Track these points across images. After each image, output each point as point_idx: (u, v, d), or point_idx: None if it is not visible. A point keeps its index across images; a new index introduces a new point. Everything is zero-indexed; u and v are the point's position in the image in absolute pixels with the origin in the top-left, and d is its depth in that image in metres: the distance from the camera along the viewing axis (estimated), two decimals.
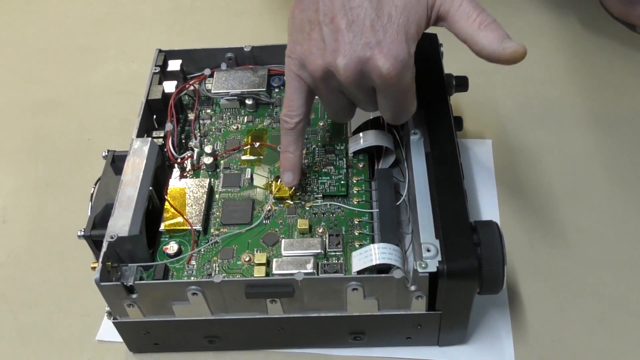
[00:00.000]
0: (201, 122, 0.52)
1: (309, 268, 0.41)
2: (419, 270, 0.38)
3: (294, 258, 0.42)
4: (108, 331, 0.46)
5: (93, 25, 0.72)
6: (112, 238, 0.40)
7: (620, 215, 0.51)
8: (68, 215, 0.53)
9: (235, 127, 0.51)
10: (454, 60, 0.52)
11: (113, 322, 0.42)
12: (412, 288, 0.39)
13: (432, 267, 0.38)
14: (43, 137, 0.60)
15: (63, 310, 0.48)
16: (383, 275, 0.39)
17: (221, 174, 0.48)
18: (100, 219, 0.43)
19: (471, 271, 0.38)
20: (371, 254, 0.40)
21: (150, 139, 0.46)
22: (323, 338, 0.43)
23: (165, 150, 0.48)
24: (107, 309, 0.42)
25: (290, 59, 0.41)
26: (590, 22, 0.67)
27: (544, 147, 0.56)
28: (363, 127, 0.49)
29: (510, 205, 0.52)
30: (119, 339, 0.44)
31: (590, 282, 0.47)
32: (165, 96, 0.51)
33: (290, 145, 0.44)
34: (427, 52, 0.50)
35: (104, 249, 0.40)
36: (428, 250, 0.38)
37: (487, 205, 0.52)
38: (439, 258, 0.38)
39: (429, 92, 0.47)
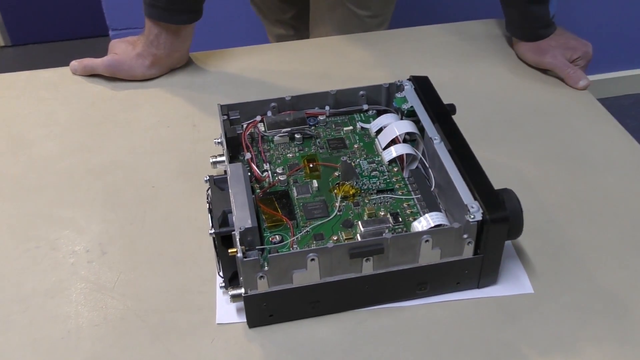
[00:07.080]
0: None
1: (388, 235, 0.56)
2: (470, 220, 0.54)
3: (373, 230, 0.57)
4: (224, 315, 0.58)
5: (123, 102, 0.85)
6: (241, 229, 0.53)
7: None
8: (155, 241, 0.65)
9: (290, 155, 0.66)
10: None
11: (243, 296, 0.54)
12: (465, 236, 0.55)
13: (479, 217, 0.54)
14: (113, 191, 0.71)
15: (180, 309, 0.59)
16: (447, 226, 0.55)
17: (293, 187, 0.62)
18: (222, 221, 0.56)
19: (505, 218, 0.55)
20: (427, 220, 0.56)
21: (240, 163, 0.61)
22: (397, 292, 0.58)
23: (251, 171, 0.62)
24: (232, 292, 0.55)
25: None
26: (516, 70, 0.90)
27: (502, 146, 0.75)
28: (390, 144, 0.66)
29: None
30: (235, 319, 0.56)
31: (569, 238, 0.65)
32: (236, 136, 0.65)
33: None
34: (426, 88, 0.69)
35: (238, 237, 0.53)
36: (472, 207, 0.55)
37: None
38: (481, 211, 0.55)
39: (439, 113, 0.65)
